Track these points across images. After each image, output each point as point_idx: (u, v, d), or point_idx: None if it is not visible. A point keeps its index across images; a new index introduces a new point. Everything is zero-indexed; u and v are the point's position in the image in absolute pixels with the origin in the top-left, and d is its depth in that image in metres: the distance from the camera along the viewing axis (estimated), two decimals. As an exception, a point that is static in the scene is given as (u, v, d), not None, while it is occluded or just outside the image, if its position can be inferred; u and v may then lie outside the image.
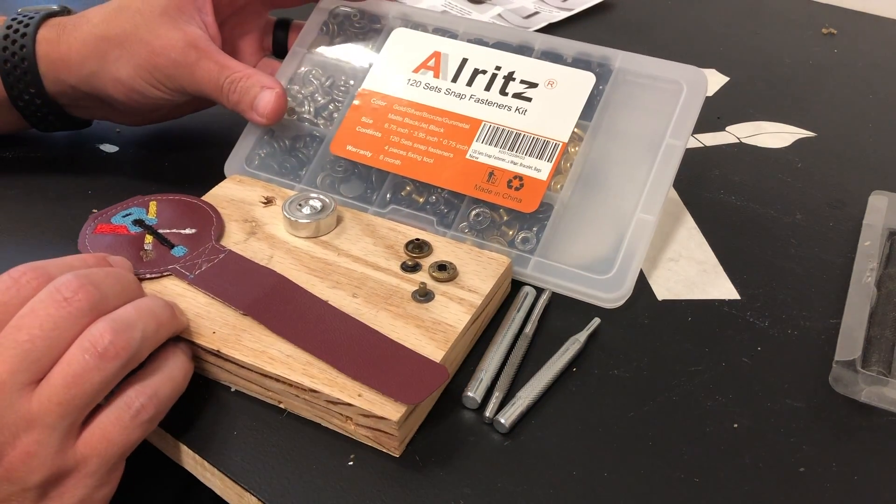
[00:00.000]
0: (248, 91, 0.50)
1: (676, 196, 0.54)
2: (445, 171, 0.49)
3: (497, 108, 0.49)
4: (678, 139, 0.47)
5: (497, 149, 0.48)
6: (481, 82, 0.50)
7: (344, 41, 0.55)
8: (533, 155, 0.48)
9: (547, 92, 0.49)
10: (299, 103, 0.54)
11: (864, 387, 0.40)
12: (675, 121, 0.48)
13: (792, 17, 0.79)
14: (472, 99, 0.50)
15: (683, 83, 0.49)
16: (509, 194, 0.47)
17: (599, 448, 0.38)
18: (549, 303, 0.45)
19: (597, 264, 0.46)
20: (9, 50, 0.50)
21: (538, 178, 0.47)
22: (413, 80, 0.52)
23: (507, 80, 0.50)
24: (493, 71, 0.51)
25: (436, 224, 0.48)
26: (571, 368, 0.42)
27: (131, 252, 0.44)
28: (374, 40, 0.54)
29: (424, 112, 0.50)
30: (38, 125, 0.54)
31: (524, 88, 0.50)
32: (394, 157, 0.50)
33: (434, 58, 0.52)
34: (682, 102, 0.48)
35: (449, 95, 0.50)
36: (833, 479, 0.37)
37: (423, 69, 0.52)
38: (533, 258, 0.46)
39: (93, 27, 0.50)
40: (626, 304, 0.45)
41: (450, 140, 0.49)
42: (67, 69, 0.50)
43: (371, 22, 0.55)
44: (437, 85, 0.51)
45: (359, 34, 0.55)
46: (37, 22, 0.50)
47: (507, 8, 0.79)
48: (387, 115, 0.51)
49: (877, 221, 0.50)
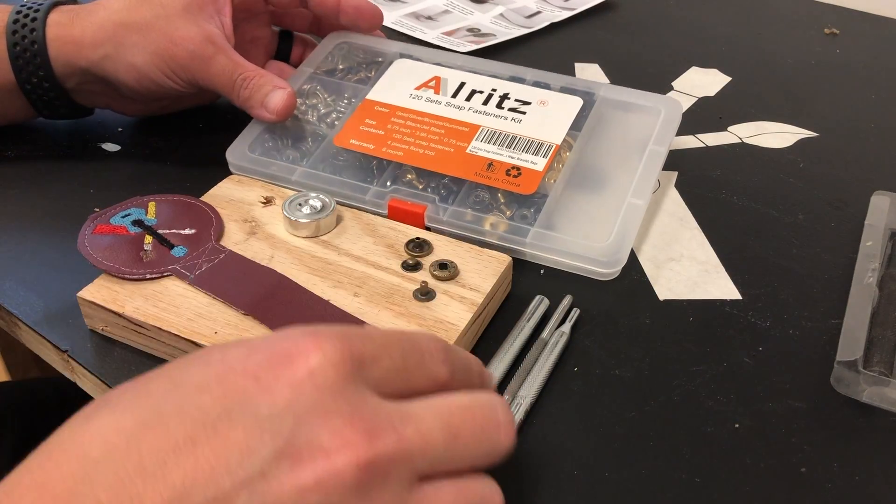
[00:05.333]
0: (260, 89, 0.52)
1: (678, 196, 0.54)
2: (447, 161, 0.51)
3: (494, 117, 0.53)
4: (661, 146, 0.52)
5: (495, 147, 0.51)
6: (479, 99, 0.54)
7: (348, 67, 0.58)
8: (529, 152, 0.50)
9: (540, 108, 0.54)
10: (303, 113, 0.55)
11: (865, 387, 0.40)
12: (656, 133, 0.52)
13: (794, 16, 0.79)
14: (471, 111, 0.53)
15: (662, 110, 0.54)
16: (508, 180, 0.49)
17: (600, 447, 0.38)
18: (569, 312, 0.45)
19: (593, 236, 0.48)
20: (18, 34, 0.51)
21: (535, 169, 0.49)
22: (414, 95, 0.55)
23: (502, 98, 0.54)
24: (490, 91, 0.54)
25: (437, 202, 0.49)
26: (573, 368, 0.42)
27: (131, 252, 0.44)
28: (375, 69, 0.58)
29: (426, 118, 0.53)
30: (43, 110, 0.55)
31: (519, 105, 0.53)
32: (396, 149, 0.51)
33: (434, 80, 0.56)
34: (662, 121, 0.53)
35: (449, 107, 0.54)
36: (834, 480, 0.37)
37: (424, 88, 0.55)
38: (532, 229, 0.47)
39: (112, 13, 0.51)
40: (627, 304, 0.45)
41: (450, 139, 0.52)
42: (79, 51, 0.51)
43: (373, 56, 0.59)
44: (438, 99, 0.54)
45: (361, 65, 0.59)
46: (47, 7, 0.52)
47: (509, 7, 0.79)
48: (389, 118, 0.53)
49: (878, 221, 0.50)
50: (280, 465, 0.24)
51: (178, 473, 0.24)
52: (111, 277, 0.42)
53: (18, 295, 0.45)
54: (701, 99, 0.65)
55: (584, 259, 0.46)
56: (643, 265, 0.48)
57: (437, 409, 0.28)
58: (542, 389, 0.40)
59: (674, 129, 0.53)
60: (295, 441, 0.25)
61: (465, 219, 0.48)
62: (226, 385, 0.26)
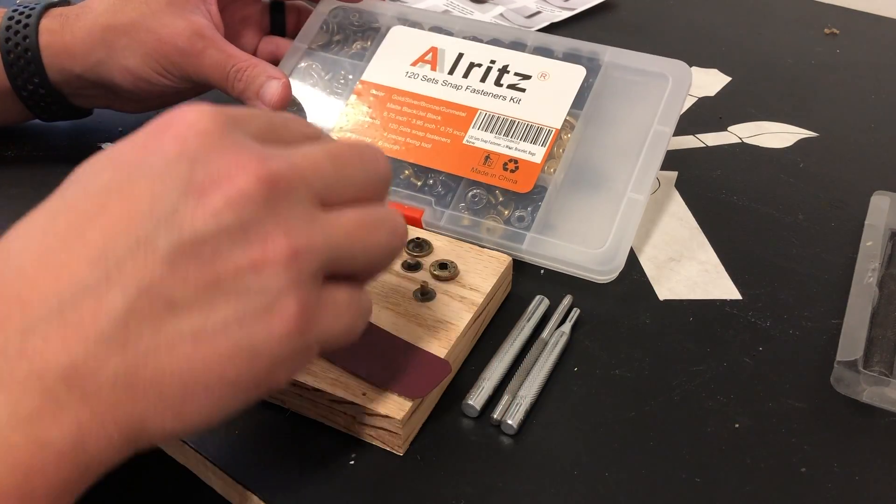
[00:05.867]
0: (254, 80, 0.51)
1: (678, 196, 0.54)
2: (443, 155, 0.50)
3: (492, 97, 0.51)
4: (665, 126, 0.50)
5: (493, 134, 0.50)
6: (477, 75, 0.52)
7: (343, 38, 0.57)
8: (527, 140, 0.50)
9: (540, 83, 0.51)
10: (301, 101, 0.55)
11: (865, 387, 0.40)
12: (661, 110, 0.50)
13: (794, 16, 0.79)
14: (469, 90, 0.52)
15: (669, 76, 0.51)
16: (505, 176, 0.49)
17: (601, 447, 0.38)
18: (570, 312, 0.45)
19: (590, 240, 0.47)
20: (11, 41, 0.51)
21: (532, 161, 0.49)
22: (411, 73, 0.53)
23: (501, 72, 0.52)
24: (488, 64, 0.53)
25: (434, 205, 0.49)
26: (573, 368, 0.42)
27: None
28: (372, 38, 0.56)
29: (422, 101, 0.52)
30: (41, 114, 0.55)
31: (518, 80, 0.52)
32: (393, 142, 0.51)
33: (431, 52, 0.54)
34: (669, 93, 0.50)
35: (446, 87, 0.52)
36: (834, 480, 0.37)
37: (421, 63, 0.54)
38: (528, 234, 0.47)
39: (97, 16, 0.51)
40: (628, 304, 0.45)
41: (447, 127, 0.51)
42: (72, 58, 0.51)
43: (369, 21, 0.57)
44: (435, 77, 0.53)
45: (357, 32, 0.57)
46: (38, 13, 0.51)
47: (509, 7, 0.79)
48: (385, 104, 0.53)
49: (879, 221, 0.50)
50: (188, 200, 0.26)
51: (96, 233, 0.25)
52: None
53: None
54: (701, 99, 0.65)
55: (581, 267, 0.46)
56: (643, 265, 0.48)
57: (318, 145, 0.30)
58: (542, 389, 0.40)
59: (682, 99, 0.50)
60: (195, 178, 0.26)
61: (462, 223, 0.48)
62: (119, 161, 0.28)
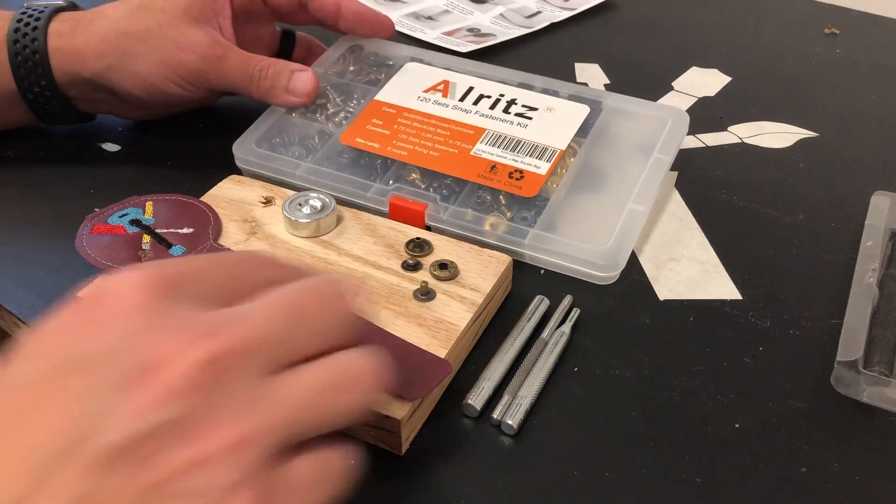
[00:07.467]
0: (280, 75, 0.52)
1: (678, 196, 0.54)
2: (450, 162, 0.51)
3: (500, 122, 0.53)
4: (665, 155, 0.52)
5: (499, 150, 0.51)
6: (486, 103, 0.55)
7: (358, 70, 0.59)
8: (533, 156, 0.51)
9: (546, 114, 0.54)
10: (311, 112, 0.55)
11: (865, 387, 0.40)
12: (661, 142, 0.53)
13: (794, 17, 0.78)
14: (477, 114, 0.54)
15: (669, 119, 0.54)
16: (510, 182, 0.49)
17: (601, 447, 0.38)
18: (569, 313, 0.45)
19: (593, 238, 0.47)
20: (20, 43, 0.51)
21: (537, 173, 0.49)
22: (423, 97, 0.55)
23: (509, 104, 0.55)
24: (497, 97, 0.55)
25: (438, 201, 0.49)
26: (573, 368, 0.42)
27: (129, 251, 0.44)
28: (386, 72, 0.58)
29: (432, 119, 0.53)
30: (45, 118, 0.55)
31: (525, 111, 0.54)
32: (401, 149, 0.52)
33: (443, 84, 0.56)
34: (668, 130, 0.54)
35: (455, 110, 0.54)
36: (834, 480, 0.37)
37: (433, 91, 0.56)
38: (531, 230, 0.47)
39: (113, 22, 0.51)
40: (628, 304, 0.45)
41: (455, 140, 0.52)
42: (82, 62, 0.51)
43: (384, 59, 0.60)
44: (445, 102, 0.55)
45: (373, 66, 0.59)
46: (48, 16, 0.51)
47: (509, 7, 0.79)
48: (396, 119, 0.54)
49: (879, 222, 0.50)
50: (120, 395, 0.24)
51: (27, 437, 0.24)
52: (111, 277, 0.42)
53: (18, 295, 0.45)
54: (701, 99, 0.65)
55: (582, 262, 0.46)
56: (643, 265, 0.48)
57: (269, 299, 0.28)
58: (542, 389, 0.40)
59: (680, 139, 0.53)
60: (129, 369, 0.24)
61: (466, 218, 0.48)
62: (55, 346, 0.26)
